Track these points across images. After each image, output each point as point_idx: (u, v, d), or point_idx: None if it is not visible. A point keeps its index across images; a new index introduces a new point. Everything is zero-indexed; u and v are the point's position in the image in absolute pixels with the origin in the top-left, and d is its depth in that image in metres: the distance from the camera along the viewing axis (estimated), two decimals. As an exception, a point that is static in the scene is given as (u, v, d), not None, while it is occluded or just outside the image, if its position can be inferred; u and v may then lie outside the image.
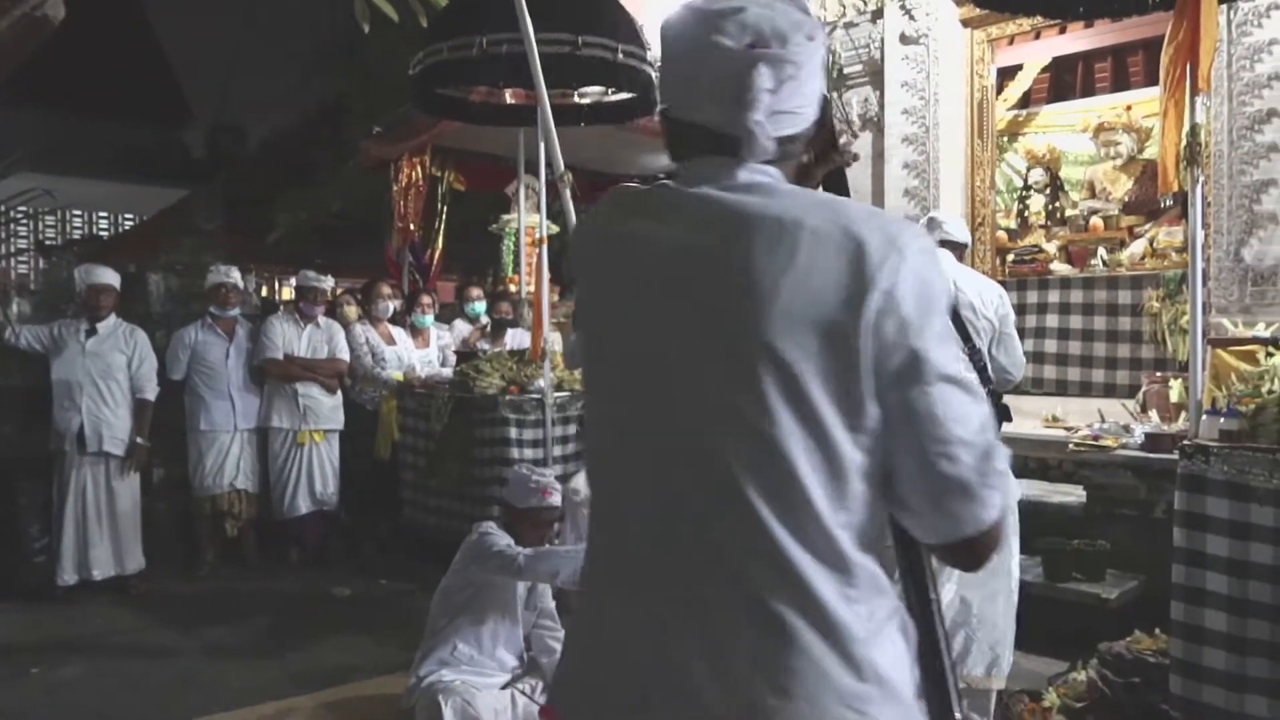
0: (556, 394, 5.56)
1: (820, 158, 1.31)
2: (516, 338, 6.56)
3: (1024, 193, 7.45)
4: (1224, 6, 4.85)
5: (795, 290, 1.09)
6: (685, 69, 1.22)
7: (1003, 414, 2.94)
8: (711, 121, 1.19)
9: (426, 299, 6.97)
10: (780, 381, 1.09)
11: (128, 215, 19.84)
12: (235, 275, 6.10)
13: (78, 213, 19.70)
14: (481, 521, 3.41)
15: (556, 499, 3.34)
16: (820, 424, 1.09)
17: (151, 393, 5.55)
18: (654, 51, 5.71)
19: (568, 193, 4.20)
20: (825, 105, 1.26)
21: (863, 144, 7.46)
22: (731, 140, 1.18)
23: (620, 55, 5.28)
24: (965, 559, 1.19)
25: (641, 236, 1.21)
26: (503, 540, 3.19)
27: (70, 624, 4.94)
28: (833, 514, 1.10)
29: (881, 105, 7.18)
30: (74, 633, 4.82)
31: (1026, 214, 7.35)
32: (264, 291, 13.42)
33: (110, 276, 5.56)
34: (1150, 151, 6.92)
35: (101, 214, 20.19)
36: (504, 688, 3.24)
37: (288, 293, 12.78)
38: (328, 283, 6.22)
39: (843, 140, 7.57)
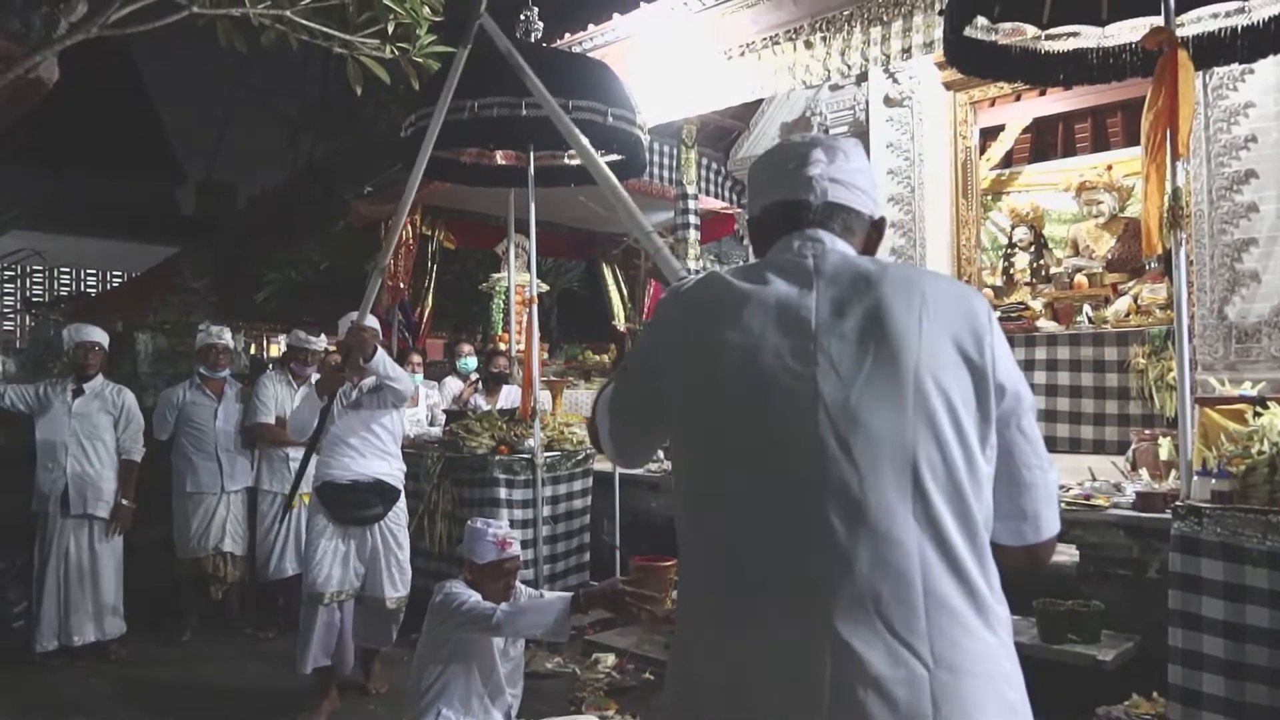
0: (546, 454, 5.54)
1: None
2: (510, 395, 6.54)
3: (1009, 250, 7.54)
4: (1200, 71, 4.97)
5: (936, 332, 1.37)
6: (767, 173, 1.61)
7: None
8: (783, 192, 1.55)
9: (416, 358, 6.96)
10: (944, 403, 1.34)
11: (116, 272, 19.81)
12: (226, 336, 6.07)
13: (65, 270, 19.68)
14: (444, 581, 3.37)
15: (516, 548, 3.34)
16: (967, 440, 1.34)
17: (138, 454, 5.49)
18: (642, 115, 5.80)
19: (377, 282, 4.16)
20: (881, 222, 1.59)
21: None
22: (801, 206, 1.53)
23: (610, 118, 5.35)
24: (1037, 560, 1.52)
25: (785, 296, 1.42)
26: (471, 597, 3.15)
27: (48, 692, 4.82)
28: (977, 514, 1.34)
29: (867, 165, 7.28)
30: (52, 701, 4.69)
31: (1012, 271, 7.42)
32: (252, 350, 13.38)
33: (99, 335, 5.53)
34: (1132, 210, 7.03)
35: (89, 271, 20.16)
36: None
37: (275, 350, 12.75)
38: (319, 344, 6.17)
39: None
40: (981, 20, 4.46)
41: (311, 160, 15.73)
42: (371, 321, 4.49)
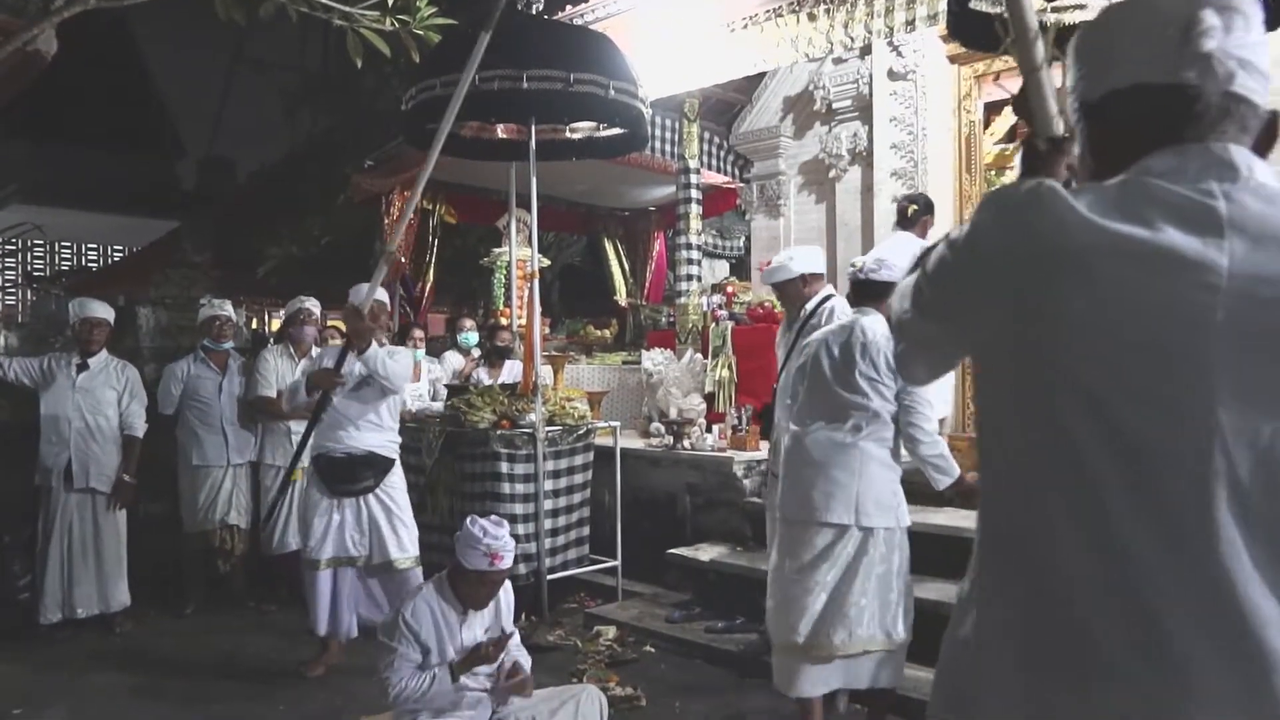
0: (548, 428, 5.55)
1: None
2: (511, 370, 6.55)
3: (1012, 226, 7.52)
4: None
5: None
6: (1119, 35, 1.13)
7: None
8: (1154, 70, 1.08)
9: (418, 332, 6.96)
10: None
11: (117, 247, 19.81)
12: (228, 308, 6.07)
13: (66, 244, 19.67)
14: (407, 600, 3.21)
15: (506, 562, 3.16)
16: None
17: (140, 430, 5.50)
18: (644, 88, 5.76)
19: (383, 269, 4.32)
20: (1275, 120, 1.12)
21: (851, 178, 7.53)
22: (1188, 97, 1.06)
23: (611, 91, 5.33)
24: None
25: (1177, 252, 0.98)
26: (402, 654, 3.03)
27: (53, 664, 4.87)
28: None
29: (870, 140, 7.25)
30: (57, 673, 4.74)
31: (1015, 247, 7.41)
32: (253, 324, 13.39)
33: (104, 311, 5.53)
34: (1136, 185, 7.00)
35: (90, 245, 20.15)
36: None
37: (276, 325, 12.76)
38: (313, 302, 6.13)
39: (830, 175, 7.64)
40: (986, -8, 4.42)
41: (312, 134, 15.66)
42: (381, 295, 4.55)
